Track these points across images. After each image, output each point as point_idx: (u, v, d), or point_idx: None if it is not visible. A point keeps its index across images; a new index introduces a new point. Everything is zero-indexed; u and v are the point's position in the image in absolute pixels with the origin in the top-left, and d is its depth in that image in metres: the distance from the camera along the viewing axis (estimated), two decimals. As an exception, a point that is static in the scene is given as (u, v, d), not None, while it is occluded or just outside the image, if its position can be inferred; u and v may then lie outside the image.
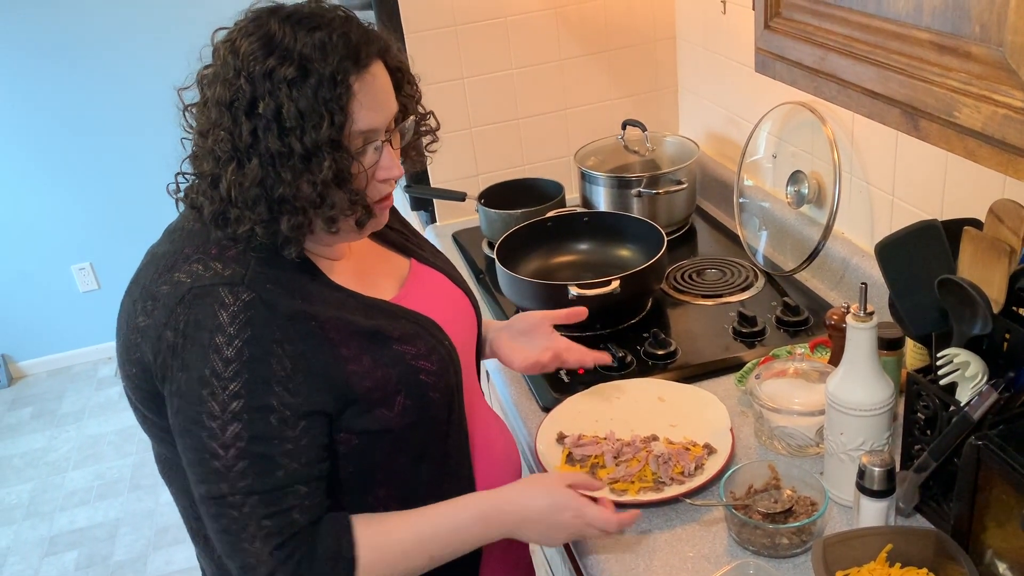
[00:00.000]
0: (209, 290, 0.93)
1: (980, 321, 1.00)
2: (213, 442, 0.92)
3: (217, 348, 0.91)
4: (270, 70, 0.91)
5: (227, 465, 0.92)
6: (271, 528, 0.94)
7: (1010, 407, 1.01)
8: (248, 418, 0.92)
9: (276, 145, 0.91)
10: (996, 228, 1.03)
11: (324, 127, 0.91)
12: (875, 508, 1.07)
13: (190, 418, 0.93)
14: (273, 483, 0.94)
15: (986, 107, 0.82)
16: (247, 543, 0.94)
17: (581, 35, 2.13)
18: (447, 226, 2.20)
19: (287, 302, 0.96)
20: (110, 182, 3.70)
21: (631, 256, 1.80)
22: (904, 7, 0.91)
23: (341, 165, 0.94)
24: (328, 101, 0.91)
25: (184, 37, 3.43)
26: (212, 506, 0.94)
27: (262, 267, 0.97)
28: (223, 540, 0.95)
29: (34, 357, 3.94)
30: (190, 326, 0.92)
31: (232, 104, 0.92)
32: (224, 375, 0.91)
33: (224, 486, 0.93)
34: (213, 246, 0.98)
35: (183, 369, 0.93)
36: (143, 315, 0.96)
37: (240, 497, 0.93)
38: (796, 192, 1.76)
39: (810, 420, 1.24)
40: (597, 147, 2.12)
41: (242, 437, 0.92)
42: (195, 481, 0.96)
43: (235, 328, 0.92)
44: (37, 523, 3.03)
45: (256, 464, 0.93)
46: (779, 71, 1.19)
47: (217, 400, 0.92)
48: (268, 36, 0.93)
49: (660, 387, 1.43)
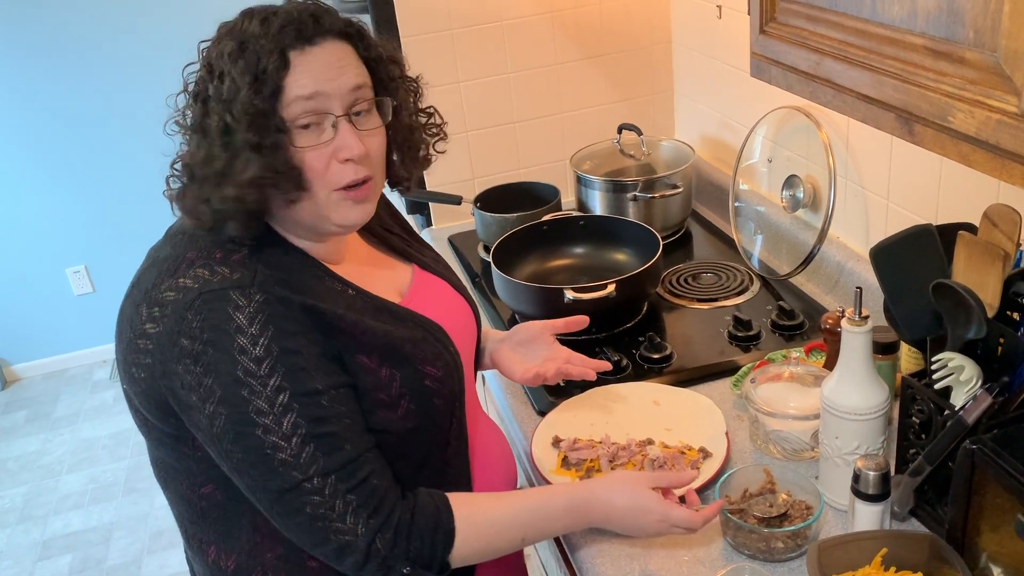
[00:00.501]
0: (220, 294, 0.93)
1: (975, 325, 1.01)
2: (272, 436, 0.92)
3: (243, 349, 0.91)
4: (221, 52, 0.94)
5: (294, 454, 0.92)
6: (357, 500, 0.95)
7: (1004, 411, 1.01)
8: (299, 405, 0.93)
9: (216, 122, 0.93)
10: (990, 232, 1.03)
11: (249, 95, 0.92)
12: (870, 512, 1.07)
13: (237, 420, 0.92)
14: (345, 458, 0.95)
15: (980, 112, 0.82)
16: (339, 522, 0.94)
17: (577, 39, 2.14)
18: (443, 230, 2.20)
19: (299, 298, 0.97)
20: (106, 185, 3.69)
21: (627, 260, 1.80)
22: (899, 12, 0.92)
23: (266, 135, 0.93)
24: (260, 72, 0.93)
25: (182, 40, 3.43)
26: (291, 498, 0.94)
27: (268, 269, 0.97)
28: (312, 529, 0.95)
29: (29, 360, 3.93)
30: (207, 331, 0.92)
31: (197, 93, 0.97)
32: (260, 373, 0.91)
33: (297, 474, 0.93)
34: (217, 250, 0.98)
35: (210, 374, 0.92)
36: (151, 322, 0.95)
37: (318, 480, 0.93)
38: (791, 196, 1.77)
39: (805, 424, 1.24)
40: (593, 151, 2.13)
41: (300, 424, 0.92)
42: (260, 481, 0.94)
43: (257, 327, 0.92)
44: (31, 527, 3.01)
45: (322, 445, 0.93)
46: (774, 76, 1.19)
47: (261, 397, 0.91)
48: (231, 27, 0.97)
49: (655, 391, 1.43)
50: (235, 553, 1.06)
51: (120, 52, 3.49)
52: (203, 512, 1.06)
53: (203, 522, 1.07)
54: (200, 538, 1.08)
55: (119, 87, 3.53)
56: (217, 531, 1.06)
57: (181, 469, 1.04)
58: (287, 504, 0.94)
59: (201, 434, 0.96)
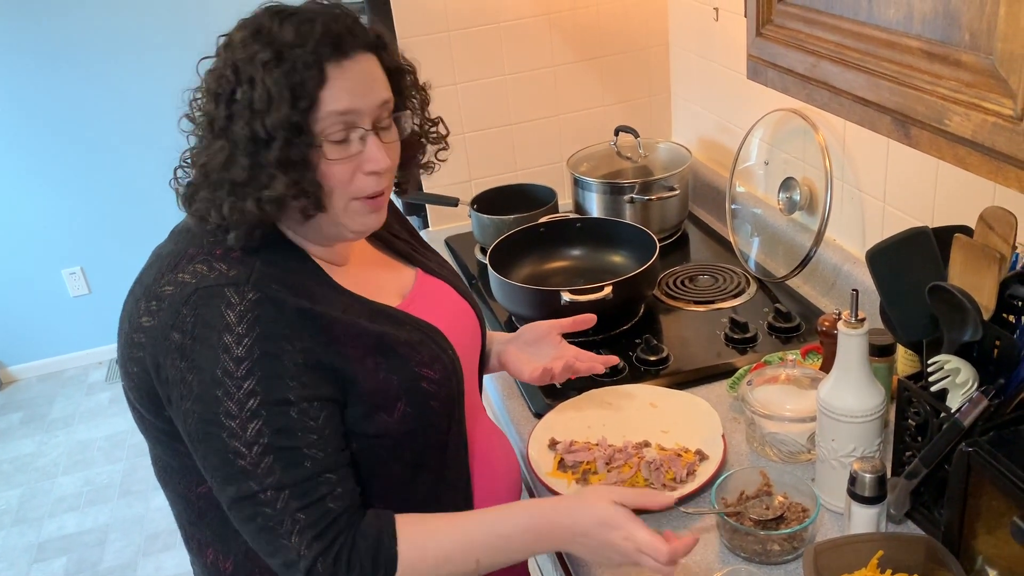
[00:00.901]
0: (215, 290, 0.93)
1: (970, 328, 1.01)
2: (235, 441, 0.91)
3: (227, 347, 0.91)
4: (251, 56, 0.93)
5: (253, 463, 0.91)
6: (306, 520, 0.93)
7: (1000, 413, 1.01)
8: (267, 414, 0.92)
9: (244, 130, 0.92)
10: (986, 235, 1.04)
11: (285, 108, 0.91)
12: (866, 514, 1.07)
13: (207, 420, 0.92)
14: (302, 475, 0.93)
15: (976, 115, 0.82)
16: (284, 539, 0.93)
17: (574, 41, 2.14)
18: (440, 231, 2.19)
19: (293, 300, 0.96)
20: (102, 186, 3.68)
21: (623, 262, 1.80)
22: (895, 15, 0.92)
23: (295, 149, 0.93)
24: (297, 84, 0.92)
25: (176, 42, 3.45)
26: (245, 506, 0.93)
27: (267, 267, 0.97)
28: (260, 539, 0.94)
29: (24, 362, 3.92)
30: (198, 327, 0.92)
31: (217, 93, 0.94)
32: (236, 374, 0.91)
33: (253, 484, 0.92)
34: (217, 246, 0.98)
35: (192, 370, 0.92)
36: (147, 315, 0.96)
37: (272, 493, 0.92)
38: (788, 199, 1.77)
39: (802, 426, 1.24)
40: (590, 153, 2.13)
41: (264, 433, 0.91)
42: (221, 483, 0.94)
43: (244, 327, 0.92)
44: (25, 529, 3.00)
45: (282, 458, 0.92)
46: (771, 78, 1.19)
47: (233, 399, 0.91)
48: (257, 27, 0.95)
49: (652, 393, 1.43)
50: (232, 555, 1.06)
51: (116, 54, 3.48)
52: (201, 512, 1.05)
53: (201, 522, 1.06)
54: (199, 539, 1.08)
55: (115, 89, 3.53)
56: (215, 532, 1.06)
57: (178, 467, 1.04)
58: (241, 511, 0.94)
59: (181, 431, 0.96)
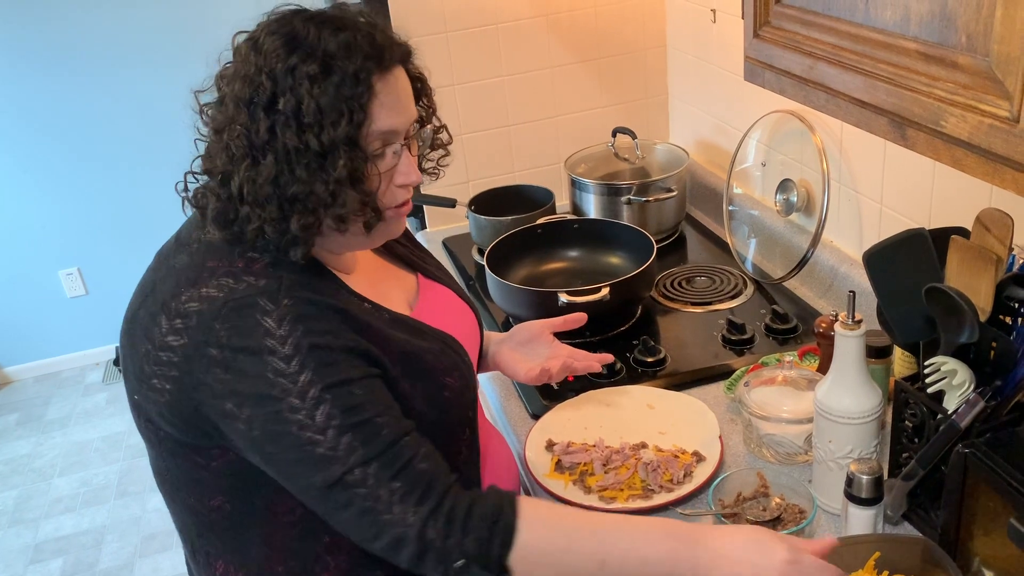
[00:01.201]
0: (247, 301, 0.91)
1: (967, 329, 1.01)
2: (307, 432, 0.89)
3: (271, 350, 0.90)
4: (292, 67, 0.90)
5: (331, 446, 0.89)
6: (403, 487, 0.90)
7: (997, 415, 1.01)
8: (331, 396, 0.90)
9: (293, 142, 0.90)
10: (983, 237, 1.04)
11: (343, 124, 0.90)
12: (863, 516, 1.07)
13: (272, 420, 0.90)
14: (383, 443, 0.91)
15: (972, 117, 0.82)
16: (386, 512, 0.89)
17: (572, 43, 2.14)
18: (437, 232, 2.19)
19: (328, 300, 0.96)
20: (98, 187, 3.68)
21: (621, 263, 1.80)
22: (891, 17, 0.92)
23: (356, 164, 0.93)
24: (349, 99, 0.90)
25: (175, 46, 3.44)
26: (337, 494, 0.90)
27: (294, 276, 0.96)
28: (362, 523, 0.91)
29: (20, 363, 3.91)
30: (235, 338, 0.90)
31: (251, 100, 0.91)
32: (289, 371, 0.89)
33: (338, 468, 0.89)
34: (239, 259, 0.96)
35: (241, 380, 0.90)
36: (173, 334, 0.93)
37: (359, 471, 0.89)
38: (785, 200, 1.77)
39: (799, 428, 1.25)
40: (587, 154, 2.13)
41: (334, 415, 0.90)
42: (305, 480, 0.91)
43: (285, 328, 0.90)
44: (22, 530, 3.00)
45: (360, 433, 0.90)
46: (768, 80, 1.19)
47: (292, 394, 0.89)
48: (292, 34, 0.92)
49: (649, 394, 1.43)
50: (244, 567, 1.04)
51: (114, 57, 3.48)
52: (211, 525, 1.04)
53: (211, 535, 1.05)
54: (207, 551, 1.06)
55: (113, 91, 3.52)
56: (226, 544, 1.04)
57: (190, 480, 1.02)
58: (335, 500, 0.91)
59: (241, 443, 0.94)
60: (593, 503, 1.22)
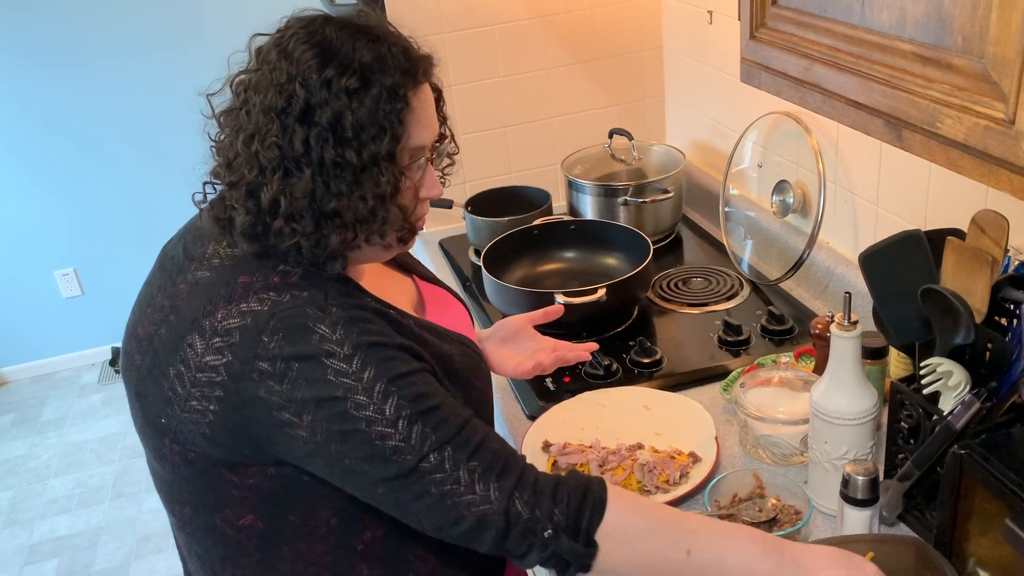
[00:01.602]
0: (295, 311, 0.90)
1: (963, 331, 1.01)
2: (378, 426, 0.88)
3: (330, 353, 0.88)
4: (328, 79, 0.89)
5: (404, 436, 0.88)
6: (481, 465, 0.89)
7: (992, 416, 1.02)
8: (397, 389, 0.89)
9: (331, 155, 0.88)
10: (978, 238, 1.04)
11: (385, 140, 0.90)
12: (858, 517, 1.07)
13: (340, 420, 0.88)
14: (454, 427, 0.90)
15: (968, 118, 0.83)
16: (468, 493, 0.88)
17: (569, 44, 2.14)
18: (434, 233, 2.19)
19: (373, 304, 0.95)
20: (95, 188, 3.67)
21: (617, 264, 1.80)
22: (887, 18, 0.92)
23: (396, 180, 0.93)
24: (388, 114, 0.90)
25: (172, 44, 3.44)
26: (412, 484, 0.88)
27: (334, 286, 0.94)
28: (442, 509, 0.89)
29: (16, 363, 3.90)
30: (287, 348, 0.88)
31: (284, 111, 0.89)
32: (351, 369, 0.88)
33: (411, 457, 0.88)
34: (274, 274, 0.93)
35: (299, 387, 0.88)
36: (213, 353, 0.90)
37: (435, 456, 0.88)
38: (781, 201, 1.77)
39: (794, 429, 1.25)
40: (584, 155, 2.13)
41: (403, 406, 0.89)
42: (377, 476, 0.89)
43: (339, 333, 0.89)
44: (17, 531, 2.99)
45: (430, 420, 0.89)
46: (764, 81, 1.19)
47: (358, 391, 0.88)
48: (326, 43, 0.90)
49: (645, 395, 1.43)
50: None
51: (110, 56, 3.47)
52: (239, 544, 1.00)
53: (238, 555, 1.01)
54: (232, 572, 1.03)
55: (109, 90, 3.52)
56: (256, 563, 1.01)
57: (217, 502, 0.98)
58: (410, 490, 0.89)
59: (301, 452, 0.91)
60: None
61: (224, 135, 0.95)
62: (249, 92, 0.92)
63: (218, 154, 0.96)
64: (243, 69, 0.95)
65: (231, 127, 0.93)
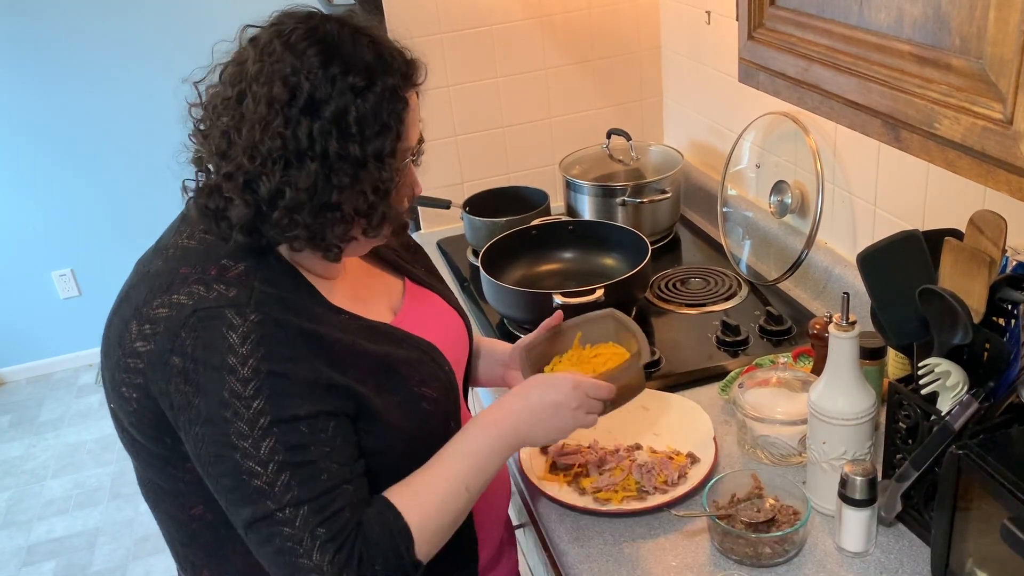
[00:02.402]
0: (215, 312, 0.90)
1: (961, 331, 1.01)
2: (249, 461, 0.89)
3: (232, 369, 0.89)
4: (334, 75, 0.90)
5: (269, 481, 0.89)
6: (326, 535, 0.91)
7: (990, 416, 1.02)
8: (279, 431, 0.89)
9: (335, 148, 0.90)
10: (976, 238, 1.04)
11: (389, 138, 0.93)
12: (857, 517, 1.07)
13: (218, 442, 0.90)
14: (320, 488, 0.91)
15: (966, 119, 0.83)
16: (305, 557, 0.90)
17: (566, 44, 2.14)
18: (432, 234, 2.19)
19: (296, 321, 0.94)
20: (92, 188, 3.67)
21: (615, 265, 1.80)
22: (885, 19, 0.92)
23: (395, 176, 0.95)
24: (391, 113, 0.93)
25: (168, 46, 3.43)
26: (262, 528, 0.90)
27: (265, 287, 0.94)
28: (278, 562, 0.91)
29: (13, 364, 3.89)
30: (199, 350, 0.89)
31: (289, 103, 0.89)
32: (245, 394, 0.89)
33: (271, 503, 0.89)
34: (212, 266, 0.94)
35: (198, 394, 0.89)
36: (141, 340, 0.93)
37: (290, 511, 0.90)
38: (779, 202, 1.77)
39: (793, 429, 1.25)
40: (582, 156, 2.13)
41: (278, 451, 0.89)
42: (236, 506, 0.91)
43: (248, 348, 0.89)
44: (14, 533, 2.98)
45: (299, 473, 0.90)
46: (762, 81, 1.19)
47: (243, 419, 0.89)
48: (328, 40, 0.92)
49: (644, 396, 1.42)
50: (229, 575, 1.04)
51: (106, 58, 3.47)
52: (194, 534, 1.03)
53: (195, 544, 1.04)
54: (192, 560, 1.06)
55: (106, 91, 3.51)
56: (209, 553, 1.04)
57: (170, 491, 1.01)
58: (258, 532, 0.91)
59: (191, 455, 0.94)
60: (588, 505, 1.22)
61: (212, 124, 0.94)
62: (250, 83, 0.92)
63: (207, 142, 0.95)
64: (236, 59, 0.95)
65: (229, 116, 0.92)
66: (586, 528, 1.20)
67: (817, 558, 1.11)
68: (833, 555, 1.11)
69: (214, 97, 0.95)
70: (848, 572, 1.08)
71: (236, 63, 0.94)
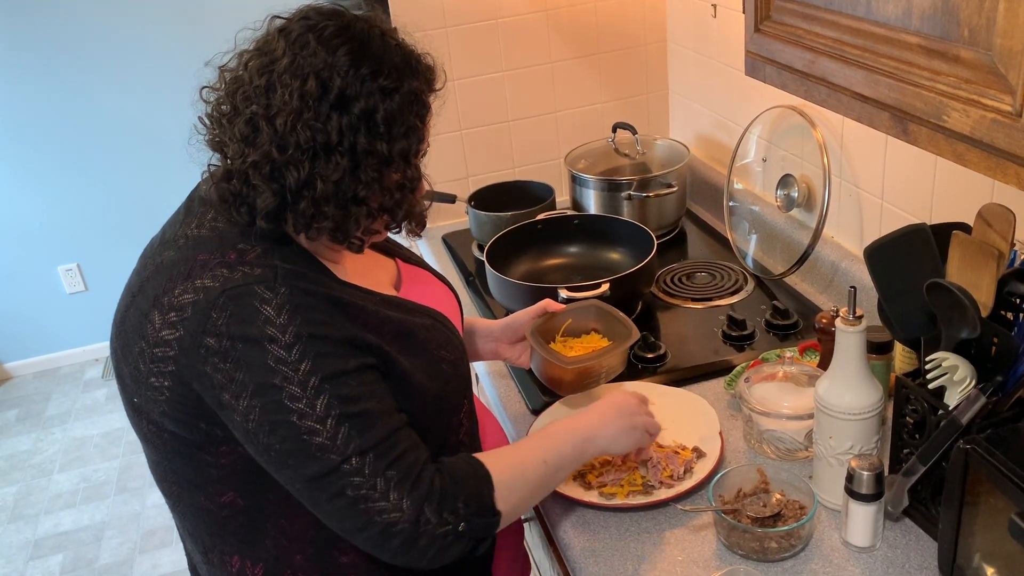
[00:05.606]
0: (245, 290, 0.92)
1: (968, 325, 1.00)
2: (307, 420, 0.91)
3: (272, 339, 0.91)
4: (364, 75, 0.94)
5: (331, 435, 0.91)
6: (397, 475, 0.93)
7: (998, 411, 1.01)
8: (331, 387, 0.92)
9: (364, 144, 0.94)
10: (984, 232, 1.03)
11: (414, 138, 0.98)
12: (864, 512, 1.07)
13: (271, 410, 0.91)
14: (380, 435, 0.94)
15: (975, 111, 0.82)
16: (382, 500, 0.92)
17: (572, 38, 2.13)
18: (437, 228, 2.19)
19: (322, 290, 0.97)
20: (98, 183, 3.67)
21: (621, 259, 1.80)
22: (893, 11, 0.91)
23: (418, 175, 1.01)
24: (415, 115, 0.98)
25: (174, 41, 3.44)
26: (331, 483, 0.92)
27: (287, 265, 0.97)
28: (353, 512, 0.93)
29: (20, 359, 3.91)
30: (233, 326, 0.91)
31: (321, 98, 0.92)
32: (290, 359, 0.91)
33: (335, 456, 0.91)
34: (230, 251, 0.96)
35: (240, 369, 0.91)
36: (168, 328, 0.93)
37: (356, 459, 0.92)
38: (786, 196, 1.77)
39: (799, 424, 1.24)
40: (587, 150, 2.12)
41: (333, 405, 0.92)
42: (299, 470, 0.92)
43: (285, 317, 0.91)
44: (22, 526, 3.00)
45: (356, 424, 0.93)
46: (769, 74, 1.19)
47: (293, 383, 0.91)
48: (360, 38, 0.95)
49: (650, 390, 1.43)
50: (262, 560, 1.04)
51: (112, 51, 3.47)
52: (224, 521, 1.03)
53: (224, 532, 1.04)
54: (221, 549, 1.06)
55: (113, 86, 3.52)
56: (240, 539, 1.04)
57: (199, 480, 1.02)
58: (327, 489, 0.92)
59: (238, 432, 0.94)
60: (593, 499, 1.22)
61: (236, 109, 0.95)
62: (281, 74, 0.93)
63: (230, 127, 0.96)
64: (262, 48, 0.96)
65: (257, 104, 0.94)
66: (592, 523, 1.20)
67: (823, 553, 1.11)
68: (839, 550, 1.11)
69: (237, 82, 0.96)
70: (854, 567, 1.08)
71: (263, 52, 0.96)
